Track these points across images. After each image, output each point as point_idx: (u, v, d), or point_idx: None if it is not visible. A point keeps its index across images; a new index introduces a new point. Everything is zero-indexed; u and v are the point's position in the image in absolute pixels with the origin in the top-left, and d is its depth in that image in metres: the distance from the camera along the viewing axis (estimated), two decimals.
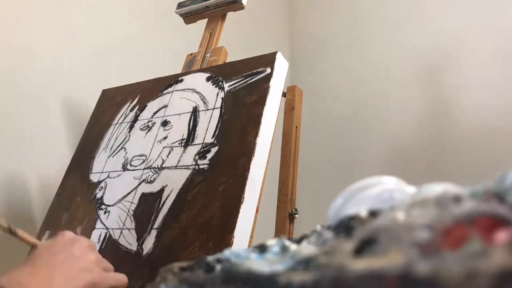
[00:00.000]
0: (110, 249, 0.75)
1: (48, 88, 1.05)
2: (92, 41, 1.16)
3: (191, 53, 0.97)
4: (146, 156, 0.82)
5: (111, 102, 0.97)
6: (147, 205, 0.76)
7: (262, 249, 0.29)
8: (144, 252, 0.71)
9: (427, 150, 1.40)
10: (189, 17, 1.02)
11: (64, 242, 0.58)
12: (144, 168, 0.81)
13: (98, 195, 0.83)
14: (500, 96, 1.30)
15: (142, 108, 0.91)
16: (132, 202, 0.78)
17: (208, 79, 0.85)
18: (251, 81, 0.79)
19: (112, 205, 0.80)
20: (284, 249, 0.28)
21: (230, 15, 0.99)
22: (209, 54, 0.94)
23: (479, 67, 1.36)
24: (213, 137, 0.76)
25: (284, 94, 0.88)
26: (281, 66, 0.80)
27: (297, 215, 0.85)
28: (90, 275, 0.56)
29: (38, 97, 1.03)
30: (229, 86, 0.81)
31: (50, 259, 0.55)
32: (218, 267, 0.27)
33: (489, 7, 1.37)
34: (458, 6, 1.44)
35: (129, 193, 0.80)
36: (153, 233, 0.72)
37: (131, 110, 0.92)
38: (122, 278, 0.61)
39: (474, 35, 1.38)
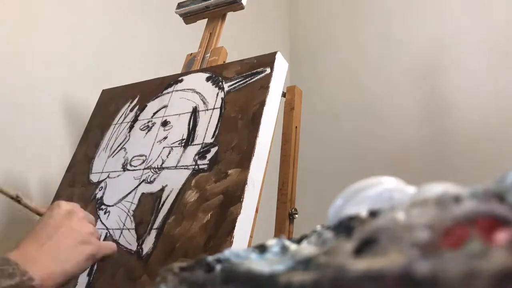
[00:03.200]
0: None
1: (48, 88, 1.05)
2: (92, 41, 1.16)
3: (191, 53, 0.97)
4: (146, 156, 0.82)
5: (111, 102, 0.97)
6: (147, 205, 0.76)
7: (262, 249, 0.29)
8: (144, 252, 0.71)
9: (427, 149, 1.40)
10: (189, 17, 1.02)
11: (62, 215, 0.60)
12: (144, 168, 0.81)
13: (98, 195, 0.83)
14: (500, 96, 1.30)
15: (142, 108, 0.91)
16: (132, 202, 0.78)
17: (208, 79, 0.85)
18: (251, 81, 0.79)
19: (112, 205, 0.80)
20: (284, 249, 0.28)
21: (230, 15, 0.99)
22: (209, 54, 0.94)
23: (479, 67, 1.36)
24: (213, 137, 0.76)
25: (284, 94, 0.88)
26: (281, 66, 0.80)
27: (297, 215, 0.85)
28: (89, 247, 0.59)
29: (38, 97, 1.03)
30: (229, 86, 0.81)
31: (52, 234, 0.57)
32: (218, 267, 0.27)
33: (488, 7, 1.37)
34: (457, 7, 1.44)
35: (129, 193, 0.80)
36: (153, 233, 0.72)
37: (131, 110, 0.92)
38: (113, 246, 0.65)
39: (474, 34, 1.38)
